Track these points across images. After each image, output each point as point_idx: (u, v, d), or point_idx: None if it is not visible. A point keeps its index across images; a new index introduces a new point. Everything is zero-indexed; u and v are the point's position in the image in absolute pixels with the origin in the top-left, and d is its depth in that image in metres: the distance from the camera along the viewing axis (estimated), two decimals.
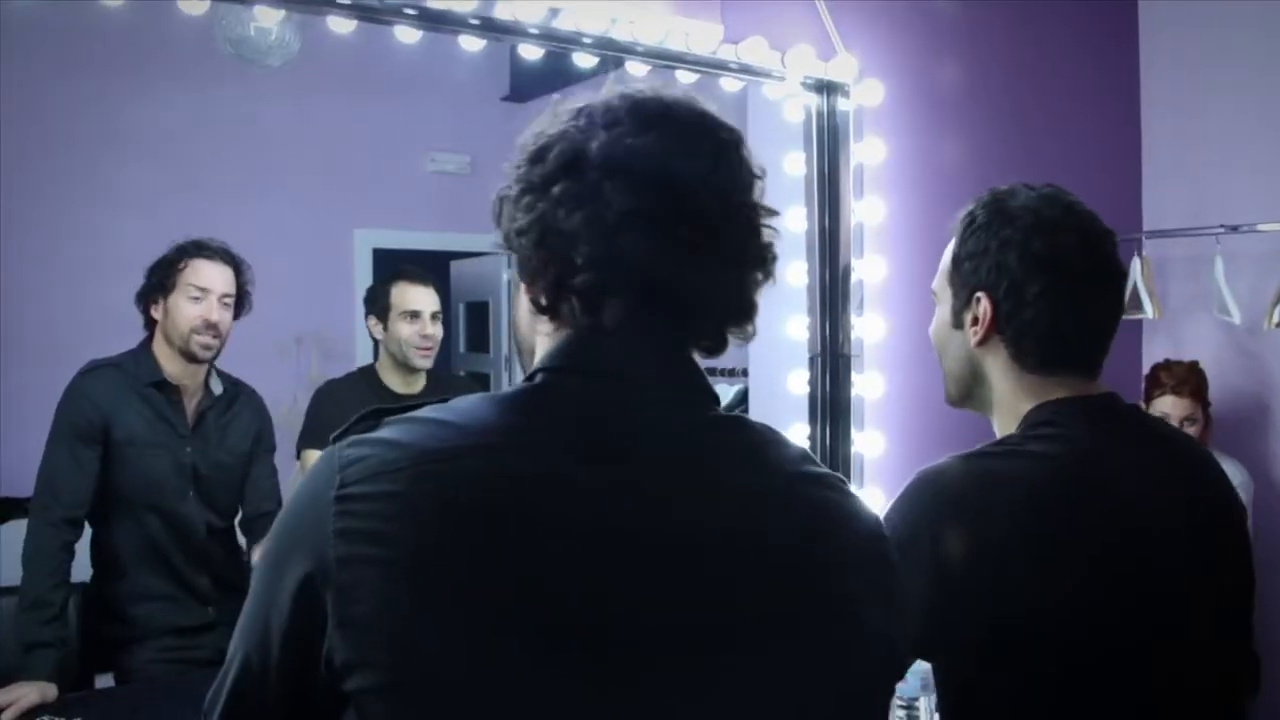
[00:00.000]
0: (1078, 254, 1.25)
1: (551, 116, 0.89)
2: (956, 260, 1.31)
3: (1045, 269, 1.24)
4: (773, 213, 0.91)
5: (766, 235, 0.90)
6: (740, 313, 0.91)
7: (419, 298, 2.73)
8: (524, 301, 0.92)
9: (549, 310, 0.88)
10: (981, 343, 1.28)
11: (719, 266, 0.87)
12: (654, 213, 0.83)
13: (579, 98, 0.90)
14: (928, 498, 1.19)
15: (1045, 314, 1.25)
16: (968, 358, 1.32)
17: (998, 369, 1.29)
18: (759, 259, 0.90)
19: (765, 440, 0.89)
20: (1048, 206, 1.27)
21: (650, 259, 0.84)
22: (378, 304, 2.77)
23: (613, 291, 0.84)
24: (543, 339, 0.90)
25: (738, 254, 0.88)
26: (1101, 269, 1.29)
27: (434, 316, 2.74)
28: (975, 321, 1.28)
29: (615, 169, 0.84)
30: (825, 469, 0.92)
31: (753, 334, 0.92)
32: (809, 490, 0.88)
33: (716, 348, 0.91)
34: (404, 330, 2.71)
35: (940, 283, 1.36)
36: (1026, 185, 1.30)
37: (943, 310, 1.35)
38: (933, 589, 1.12)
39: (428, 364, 2.73)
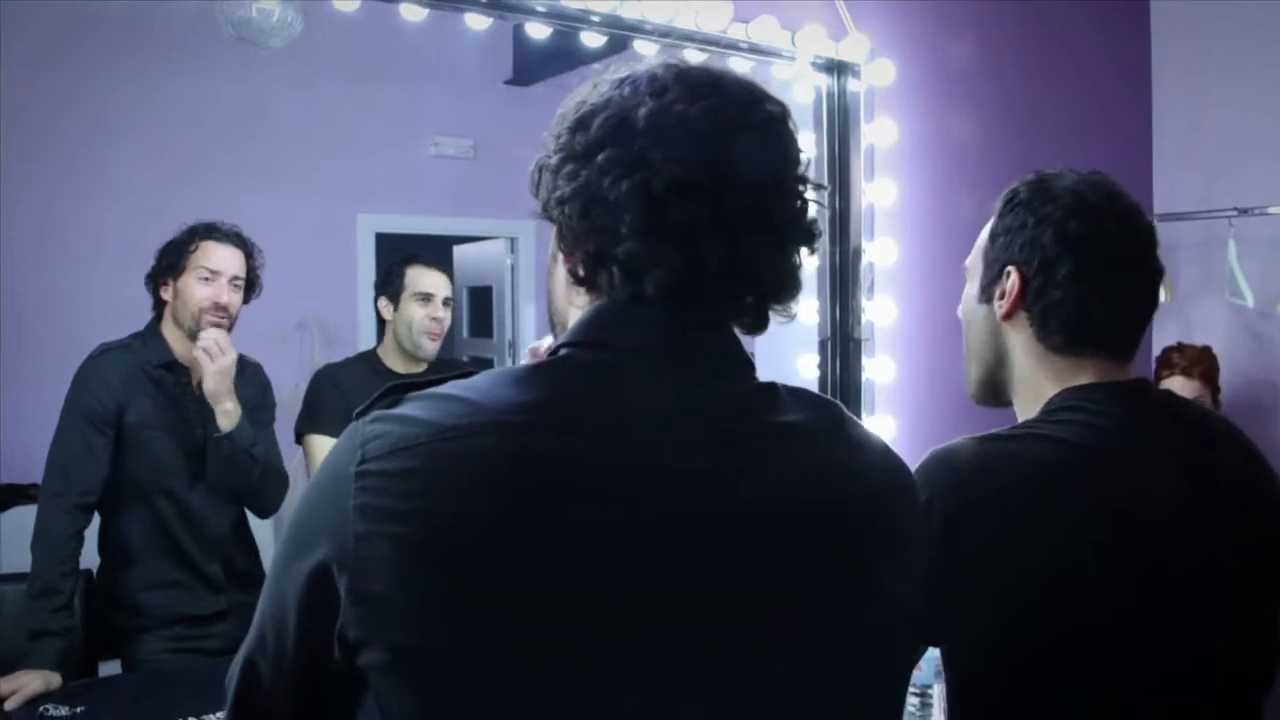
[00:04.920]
0: (1115, 241, 1.23)
1: (591, 87, 0.87)
2: (993, 235, 1.30)
3: (1078, 251, 1.22)
4: (821, 187, 0.90)
5: (813, 211, 0.88)
6: (786, 289, 0.88)
7: (433, 281, 2.74)
8: (560, 273, 0.90)
9: (587, 281, 0.86)
10: (1007, 316, 1.27)
11: (768, 243, 0.84)
12: (703, 184, 0.81)
13: (622, 69, 0.87)
14: (939, 477, 1.17)
15: (1073, 296, 1.23)
16: (990, 333, 1.31)
17: (1020, 346, 1.28)
18: (805, 234, 0.88)
19: (798, 408, 0.86)
20: (1091, 191, 1.25)
21: (698, 231, 0.81)
22: (391, 285, 2.76)
23: (657, 263, 0.82)
24: (576, 312, 0.88)
25: (784, 229, 0.86)
26: (1137, 259, 1.26)
27: (445, 302, 2.75)
28: (1002, 295, 1.27)
29: (663, 137, 0.82)
30: (862, 430, 0.90)
31: (795, 313, 0.90)
32: (842, 460, 0.86)
33: (758, 326, 0.89)
34: (416, 312, 2.70)
35: (974, 259, 1.35)
36: (1073, 170, 1.29)
37: (972, 286, 1.34)
38: (941, 571, 1.09)
39: (435, 348, 2.72)
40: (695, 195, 0.81)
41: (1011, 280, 1.26)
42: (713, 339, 0.86)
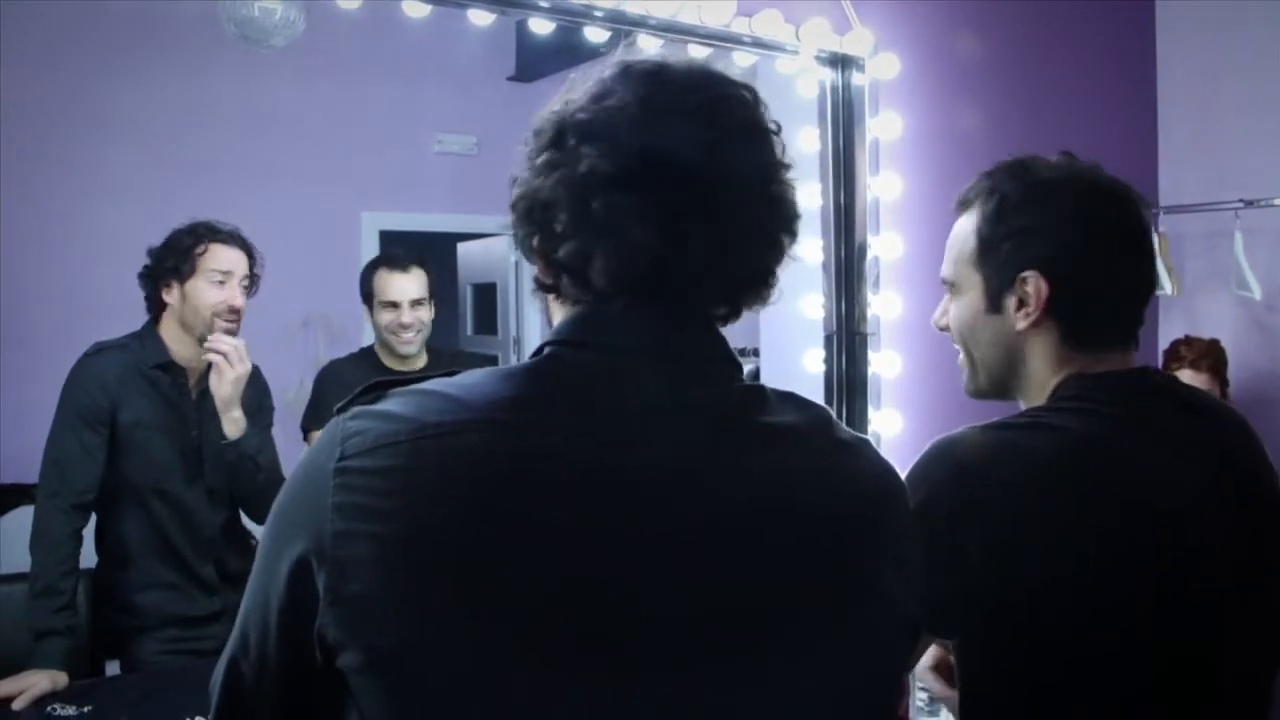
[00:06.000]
0: (1128, 224, 1.21)
1: (560, 96, 0.87)
2: (988, 241, 1.23)
3: (1103, 242, 1.19)
4: (786, 166, 0.86)
5: (783, 192, 0.86)
6: (754, 277, 0.87)
7: (397, 287, 2.71)
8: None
9: (552, 288, 0.86)
10: (1032, 326, 1.22)
11: (718, 226, 0.82)
12: (629, 173, 0.80)
13: (586, 75, 0.87)
14: (943, 467, 1.16)
15: (1103, 289, 1.20)
16: (1005, 343, 1.25)
17: (1042, 352, 1.23)
18: (775, 218, 0.86)
19: (787, 409, 0.85)
20: (1084, 175, 1.22)
21: (624, 221, 0.80)
22: (363, 291, 2.78)
23: (595, 259, 0.81)
24: (556, 319, 0.88)
25: (741, 213, 0.83)
26: (1145, 237, 1.24)
27: (414, 304, 2.72)
28: (1022, 304, 1.22)
29: (590, 133, 0.81)
30: (851, 434, 0.88)
31: (769, 299, 0.88)
32: (835, 462, 0.85)
33: (730, 315, 0.88)
34: (384, 319, 2.72)
35: (961, 269, 1.28)
36: (1039, 157, 1.24)
37: (970, 297, 1.27)
38: (945, 562, 1.08)
39: (412, 350, 2.73)
40: (620, 183, 0.80)
41: (1034, 286, 1.20)
42: (694, 336, 0.85)
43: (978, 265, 1.25)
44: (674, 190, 0.80)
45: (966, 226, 1.27)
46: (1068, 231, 1.19)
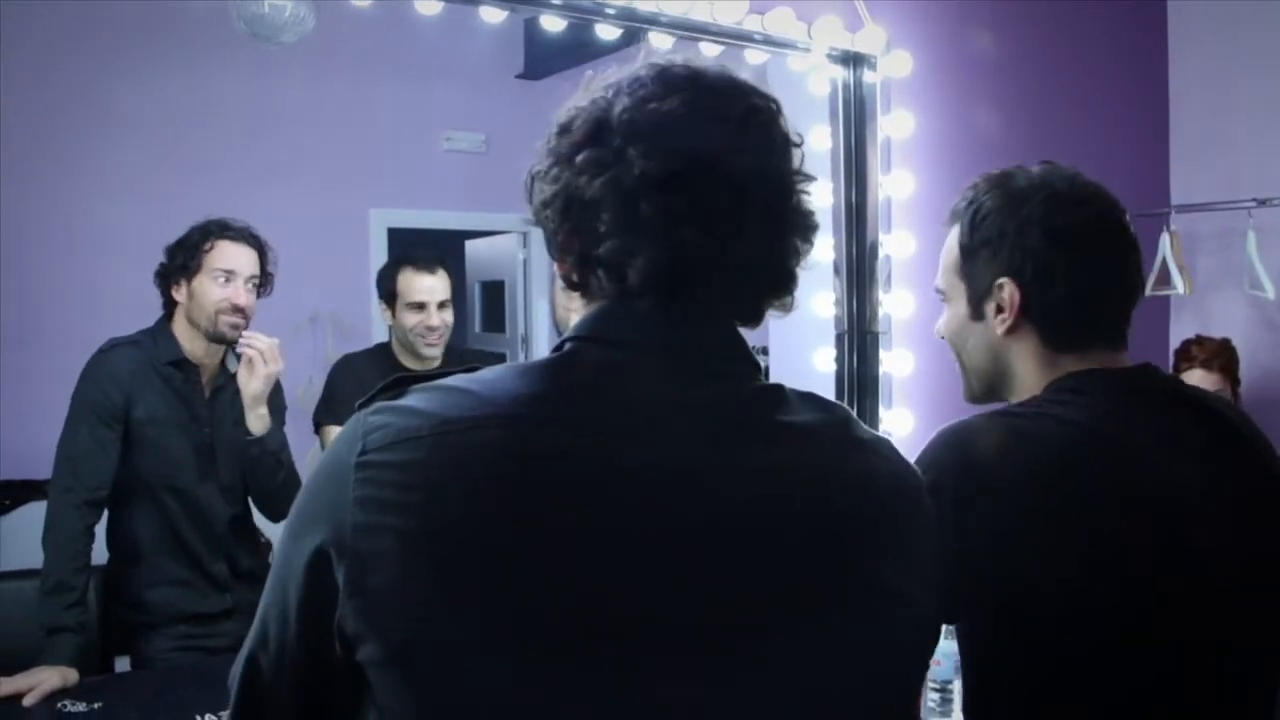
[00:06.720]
0: (1096, 226, 1.24)
1: (583, 91, 0.87)
2: (968, 251, 1.28)
3: (1069, 245, 1.22)
4: (810, 178, 0.88)
5: (805, 202, 0.87)
6: (778, 283, 0.88)
7: (424, 288, 2.69)
8: (559, 281, 0.90)
9: (581, 285, 0.86)
10: (1010, 331, 1.26)
11: (753, 233, 0.83)
12: (680, 177, 0.80)
13: (611, 72, 0.88)
14: (951, 453, 1.17)
15: (1074, 291, 1.22)
16: (990, 348, 1.29)
17: (1026, 355, 1.26)
18: (798, 227, 0.87)
19: (804, 409, 0.85)
20: (1056, 182, 1.25)
21: (674, 222, 0.80)
22: (385, 289, 2.75)
23: (637, 257, 0.81)
24: (574, 317, 0.88)
25: (773, 221, 0.85)
26: (1120, 237, 1.26)
27: (441, 305, 2.70)
28: (1000, 310, 1.26)
29: (638, 134, 0.81)
30: (870, 433, 0.89)
31: (791, 306, 0.89)
32: (847, 460, 0.85)
33: (753, 319, 0.88)
34: (409, 320, 2.69)
35: (948, 278, 1.33)
36: (1020, 167, 1.29)
37: (957, 305, 1.32)
38: (952, 549, 1.07)
39: (436, 353, 2.70)
40: (670, 187, 0.80)
41: (1008, 292, 1.24)
42: (715, 336, 0.85)
43: (961, 275, 1.30)
44: (717, 194, 0.81)
45: (953, 237, 1.32)
46: (1031, 238, 1.22)
